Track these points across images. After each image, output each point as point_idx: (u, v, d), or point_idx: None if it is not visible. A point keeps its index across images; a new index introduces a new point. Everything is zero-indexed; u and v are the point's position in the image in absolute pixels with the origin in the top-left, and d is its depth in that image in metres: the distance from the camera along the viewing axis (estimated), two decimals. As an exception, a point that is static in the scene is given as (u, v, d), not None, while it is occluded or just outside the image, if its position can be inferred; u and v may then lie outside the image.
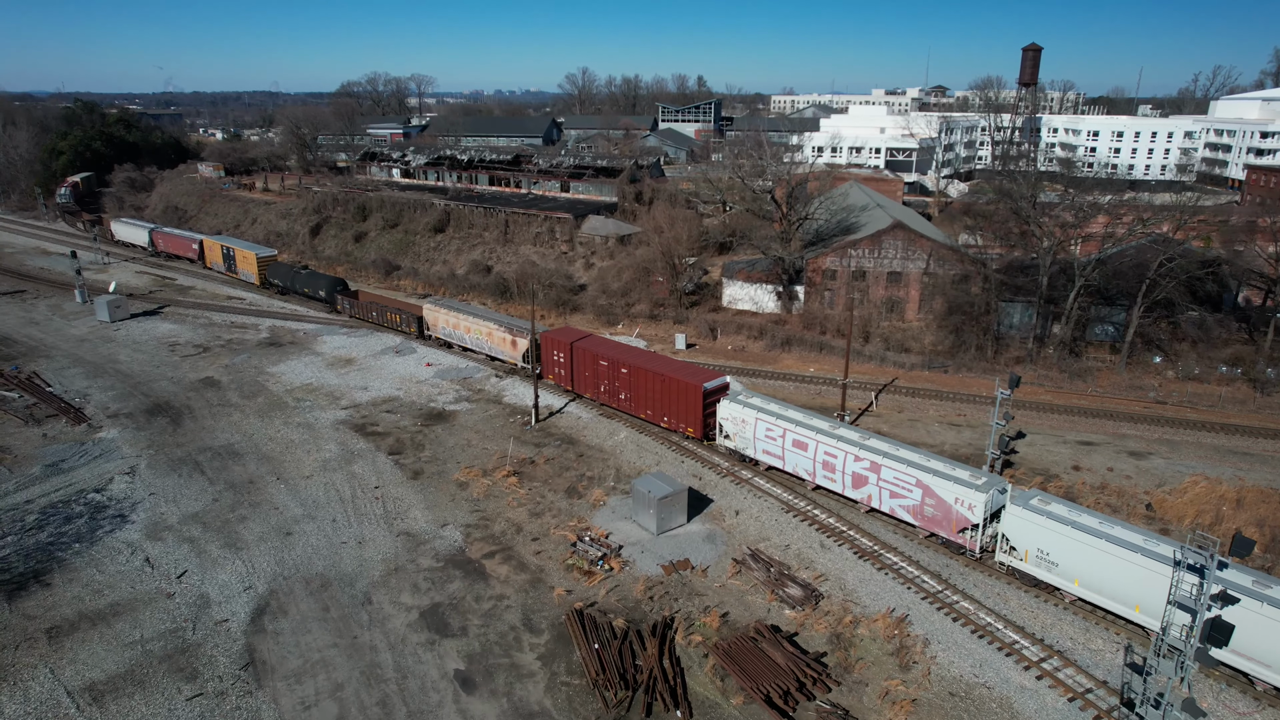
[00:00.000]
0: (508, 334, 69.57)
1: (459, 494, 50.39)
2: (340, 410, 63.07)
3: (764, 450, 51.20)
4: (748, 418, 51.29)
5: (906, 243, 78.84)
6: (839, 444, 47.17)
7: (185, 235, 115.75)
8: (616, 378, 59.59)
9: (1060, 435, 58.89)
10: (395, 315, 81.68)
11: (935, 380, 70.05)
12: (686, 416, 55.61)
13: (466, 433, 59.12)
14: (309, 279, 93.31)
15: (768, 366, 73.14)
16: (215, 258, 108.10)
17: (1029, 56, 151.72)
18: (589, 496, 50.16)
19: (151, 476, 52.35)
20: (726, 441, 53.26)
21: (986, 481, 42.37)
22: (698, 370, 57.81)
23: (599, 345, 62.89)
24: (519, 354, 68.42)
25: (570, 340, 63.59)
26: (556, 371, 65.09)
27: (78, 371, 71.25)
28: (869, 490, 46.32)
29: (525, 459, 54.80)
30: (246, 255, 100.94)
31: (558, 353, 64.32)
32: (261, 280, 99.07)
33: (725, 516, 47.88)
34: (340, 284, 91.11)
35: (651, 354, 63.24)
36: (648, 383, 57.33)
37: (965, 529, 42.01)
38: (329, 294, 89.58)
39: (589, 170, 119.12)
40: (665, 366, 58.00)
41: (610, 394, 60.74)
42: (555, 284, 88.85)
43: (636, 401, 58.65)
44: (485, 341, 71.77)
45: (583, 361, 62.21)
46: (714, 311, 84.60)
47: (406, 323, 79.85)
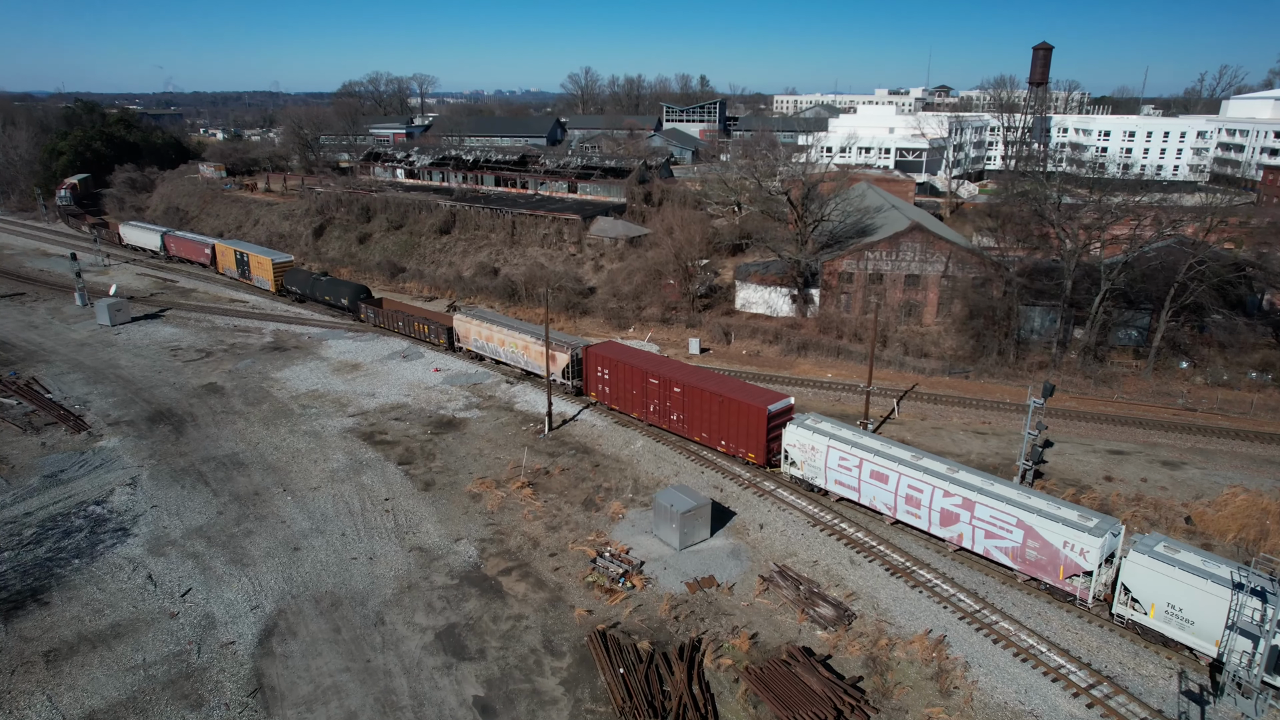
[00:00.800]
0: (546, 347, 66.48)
1: (472, 506, 48.67)
2: (347, 418, 61.36)
3: (836, 481, 47.33)
4: (818, 445, 47.49)
5: (925, 245, 77.13)
6: (925, 477, 43.10)
7: (197, 239, 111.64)
8: (668, 397, 55.83)
9: (1089, 444, 57.18)
10: (423, 326, 77.39)
11: (957, 386, 68.36)
12: (747, 441, 51.68)
13: (478, 441, 57.40)
14: (330, 286, 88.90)
15: (784, 372, 71.43)
16: (228, 263, 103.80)
17: (1039, 55, 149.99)
18: (607, 509, 48.45)
19: (153, 488, 50.63)
20: (792, 469, 49.48)
21: (1099, 524, 38.06)
22: (759, 391, 53.44)
23: (648, 362, 58.78)
24: (558, 369, 64.34)
25: (616, 356, 60.02)
26: (600, 389, 61.39)
27: (77, 377, 69.54)
28: (959, 529, 42.12)
29: (539, 469, 53.09)
30: (262, 261, 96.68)
31: (601, 369, 60.75)
32: (278, 287, 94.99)
33: (749, 530, 46.17)
34: (363, 291, 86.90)
35: (706, 372, 58.08)
36: (704, 404, 53.43)
37: (1075, 575, 37.84)
38: (352, 302, 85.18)
39: (597, 171, 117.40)
40: (723, 386, 53.92)
41: (660, 414, 56.95)
42: (565, 287, 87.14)
43: (690, 423, 54.90)
44: (521, 355, 67.51)
45: (629, 379, 58.55)
46: (727, 315, 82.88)
47: (435, 334, 76.07)
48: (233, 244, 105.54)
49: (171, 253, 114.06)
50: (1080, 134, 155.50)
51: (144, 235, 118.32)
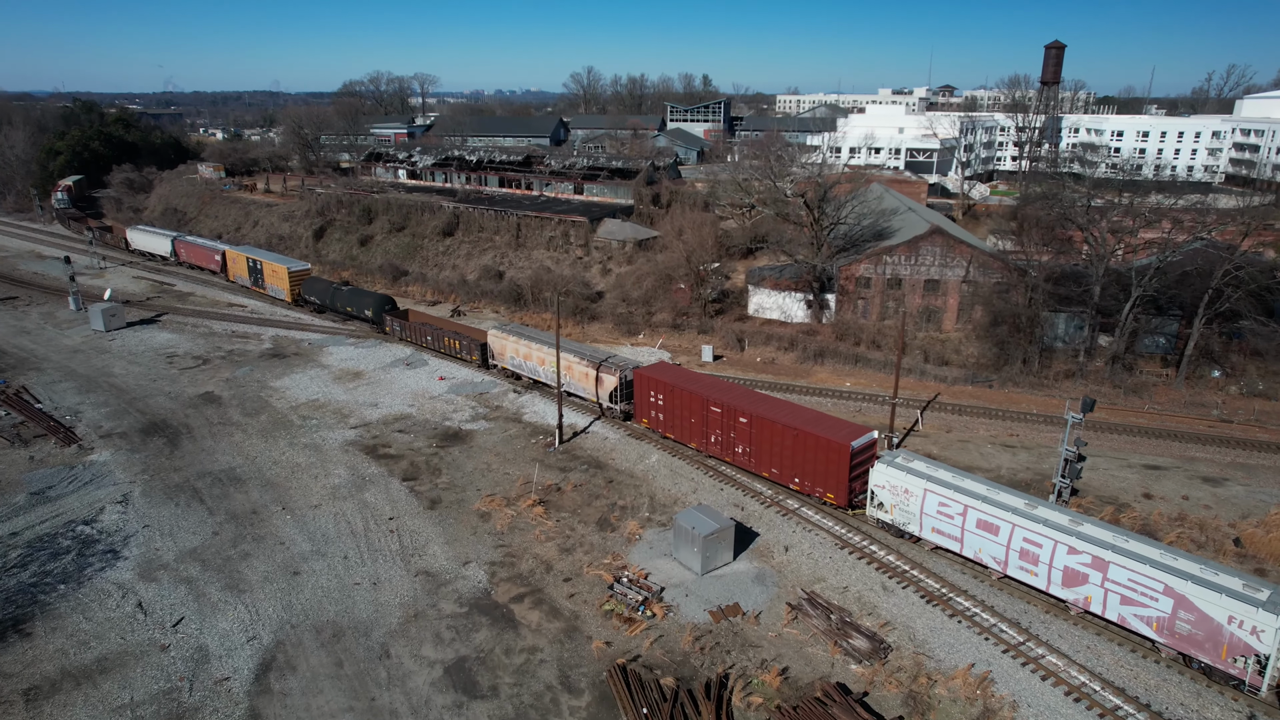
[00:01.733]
0: (590, 368, 60.07)
1: (481, 526, 46.25)
2: (349, 430, 58.95)
3: (934, 529, 42.32)
4: (913, 488, 42.58)
5: (945, 249, 74.72)
6: (1044, 529, 37.86)
7: (207, 245, 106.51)
8: (732, 428, 50.73)
9: (1123, 458, 54.77)
10: (454, 341, 72.30)
11: (980, 396, 65.95)
12: (826, 480, 46.45)
13: (486, 455, 54.98)
14: (351, 297, 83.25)
15: (801, 381, 69.02)
16: (239, 270, 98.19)
17: (1051, 54, 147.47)
18: (623, 529, 46.03)
19: (146, 506, 48.21)
20: (879, 512, 44.49)
21: (1272, 596, 32.23)
22: (837, 424, 48.01)
23: (709, 387, 53.41)
24: (604, 392, 59.32)
25: (672, 380, 54.60)
26: (652, 415, 56.14)
27: (69, 386, 67.12)
28: (1087, 591, 36.75)
29: (551, 486, 50.67)
30: (277, 269, 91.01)
31: (655, 394, 55.40)
32: (294, 297, 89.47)
33: (774, 553, 43.75)
34: (388, 302, 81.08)
35: (775, 400, 52.29)
36: (774, 437, 48.25)
37: (1242, 657, 32.27)
38: (376, 314, 79.87)
39: (603, 172, 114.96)
40: (796, 417, 48.45)
41: (723, 446, 51.90)
42: (572, 291, 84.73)
43: (759, 457, 49.71)
44: (564, 376, 60.91)
45: (687, 406, 53.29)
46: (740, 321, 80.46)
47: (468, 350, 71.19)
48: (245, 250, 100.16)
49: (182, 258, 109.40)
50: (1092, 134, 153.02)
51: (153, 240, 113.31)
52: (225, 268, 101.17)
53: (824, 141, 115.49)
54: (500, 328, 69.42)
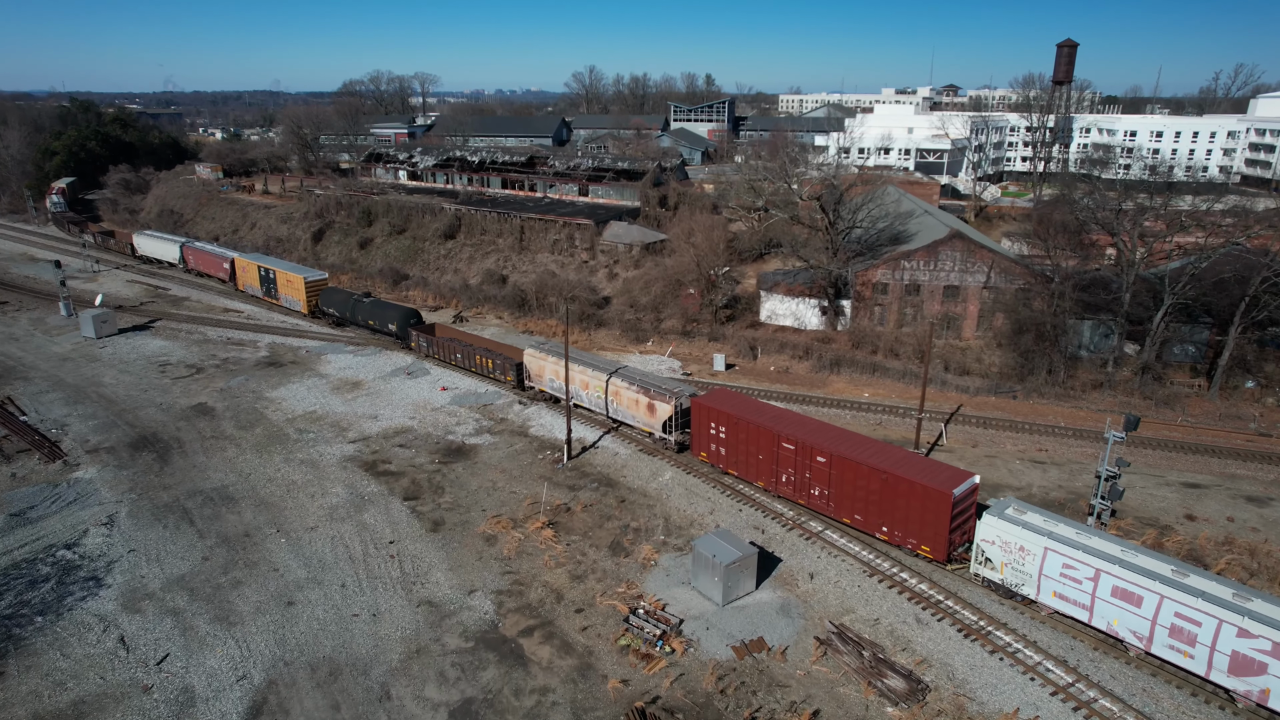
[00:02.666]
0: (641, 394, 54.76)
1: (486, 551, 43.65)
2: (347, 444, 56.34)
3: (1055, 593, 36.89)
4: (1030, 545, 37.32)
5: (965, 254, 72.11)
6: (1206, 605, 32.11)
7: (216, 252, 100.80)
8: (808, 467, 45.40)
9: (1160, 475, 52.17)
10: (486, 360, 67.11)
11: (1004, 407, 63.35)
12: (922, 530, 41.25)
13: (490, 472, 52.37)
14: (374, 309, 78.03)
15: (817, 391, 66.42)
16: (250, 279, 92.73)
17: (1064, 53, 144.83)
18: (637, 554, 43.43)
19: (132, 528, 45.60)
20: (985, 570, 39.45)
21: None
22: (932, 466, 42.68)
23: (781, 421, 47.87)
24: (657, 421, 53.86)
25: (736, 411, 48.99)
26: (712, 449, 50.71)
27: (57, 397, 64.53)
28: (1264, 683, 31.15)
29: (560, 505, 48.06)
30: (292, 279, 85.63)
31: (716, 425, 50.05)
32: (311, 309, 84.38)
33: (798, 581, 41.15)
34: (414, 316, 76.29)
35: (858, 438, 46.07)
36: (860, 480, 43.07)
37: None
38: (401, 328, 74.74)
39: (609, 173, 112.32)
40: (885, 458, 43.05)
41: (796, 487, 46.54)
42: (578, 297, 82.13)
43: (839, 501, 44.53)
44: (610, 402, 57.02)
45: (754, 440, 47.84)
46: (752, 328, 77.85)
47: (501, 369, 66.02)
48: (256, 258, 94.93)
49: (190, 265, 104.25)
50: (1105, 134, 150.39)
51: (161, 246, 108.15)
52: (234, 276, 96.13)
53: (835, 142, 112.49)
54: (538, 346, 63.84)
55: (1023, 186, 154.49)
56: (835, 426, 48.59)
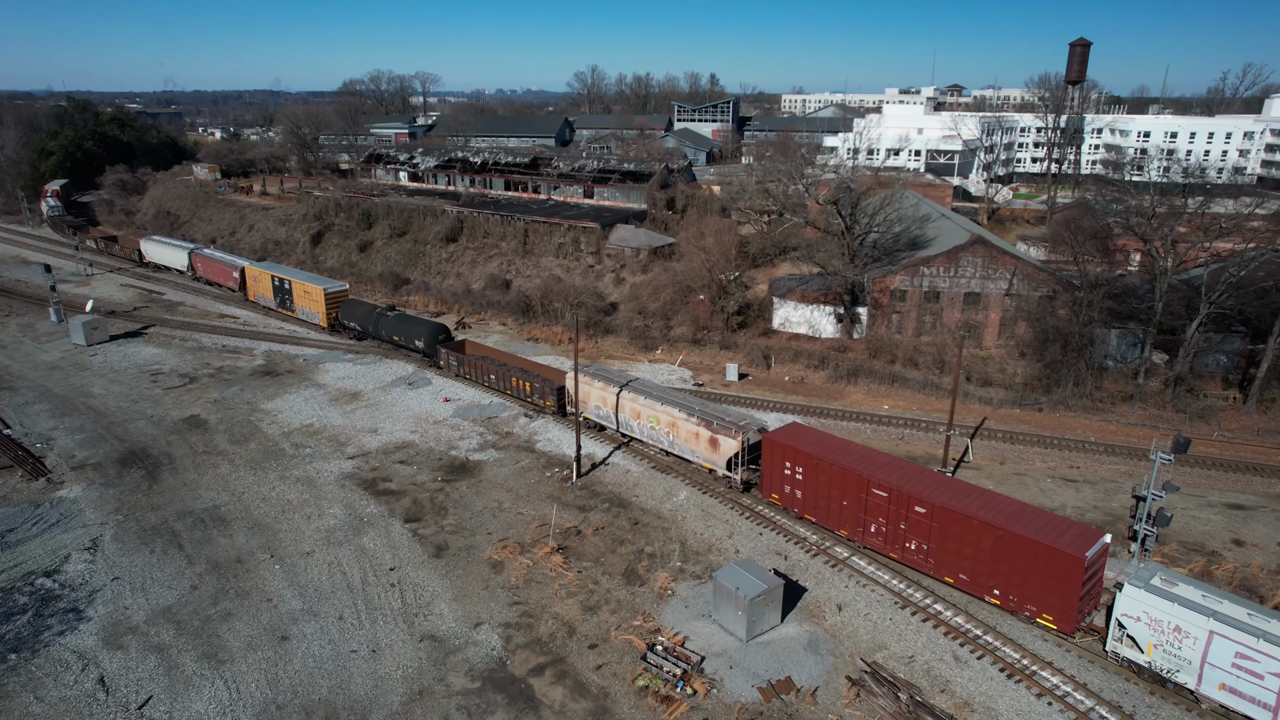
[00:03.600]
0: (701, 426, 49.12)
1: (493, 579, 41.08)
2: (346, 460, 53.78)
3: (1226, 686, 30.96)
4: (1190, 626, 31.61)
5: (987, 260, 69.55)
6: None
7: (225, 260, 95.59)
8: (902, 517, 40.16)
9: (1201, 495, 49.60)
10: (524, 382, 61.78)
11: (1030, 420, 60.81)
12: (1045, 597, 35.69)
13: (496, 491, 49.79)
14: (400, 324, 72.85)
15: (835, 403, 63.87)
16: (262, 290, 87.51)
17: (1077, 52, 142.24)
18: (652, 582, 40.86)
19: (117, 553, 43.03)
20: (1127, 650, 33.76)
21: None
22: (1058, 522, 36.81)
23: (870, 463, 42.49)
24: (720, 458, 48.41)
25: (815, 451, 43.73)
26: (786, 491, 45.44)
27: (43, 408, 61.96)
28: None
29: (569, 528, 45.49)
30: (310, 290, 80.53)
31: (791, 466, 44.68)
32: (330, 322, 79.36)
33: (825, 613, 38.58)
34: (442, 331, 70.91)
35: (963, 485, 40.92)
36: (968, 535, 37.68)
37: None
38: (429, 345, 69.61)
39: (615, 174, 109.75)
40: (997, 511, 37.62)
41: (888, 539, 41.18)
42: (585, 303, 79.57)
43: (941, 558, 39.11)
44: (665, 434, 51.70)
45: (838, 485, 42.62)
46: (764, 336, 75.29)
47: (541, 393, 60.42)
48: (269, 267, 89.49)
49: (198, 274, 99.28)
50: (1117, 135, 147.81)
51: (169, 253, 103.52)
52: (244, 286, 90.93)
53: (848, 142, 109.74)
54: (587, 371, 57.43)
55: (1033, 188, 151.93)
56: (932, 471, 42.73)
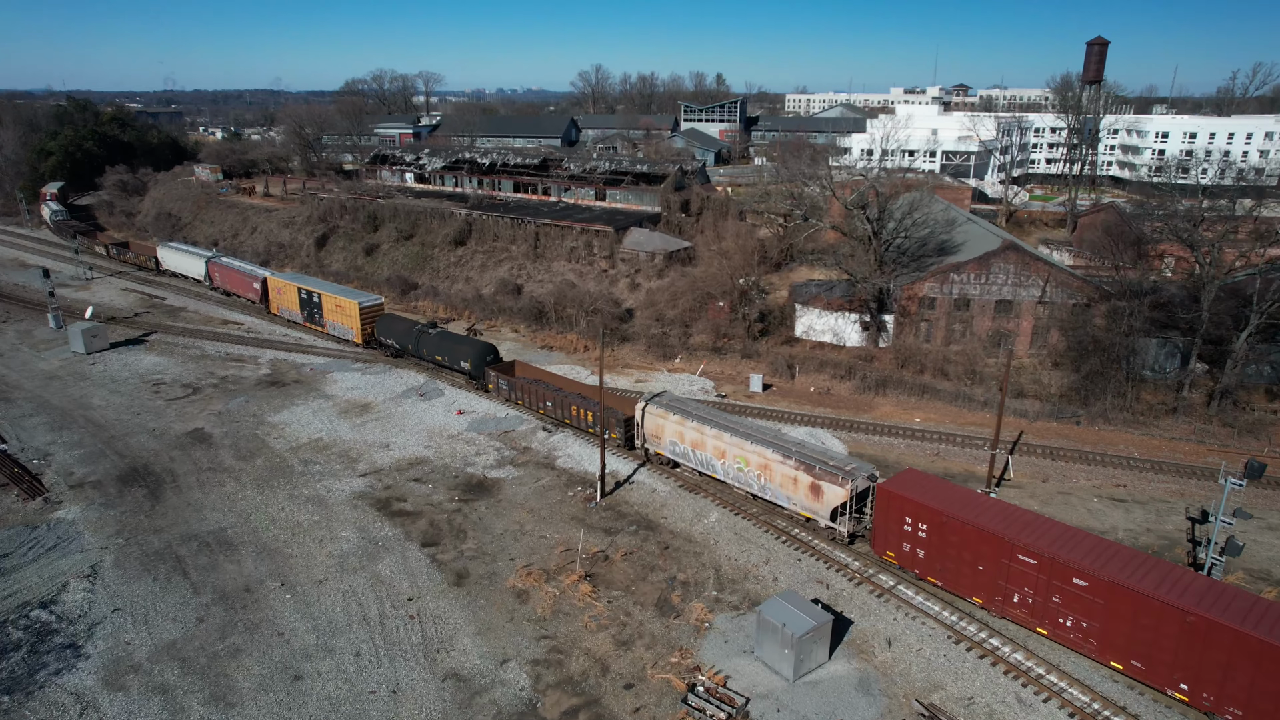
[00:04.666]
0: (802, 472, 43.36)
1: (518, 610, 38.61)
2: (358, 477, 51.30)
3: None
4: None
5: (1020, 267, 67.08)
6: None
7: (246, 270, 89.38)
8: (1058, 590, 34.75)
9: (1262, 518, 47.10)
10: (584, 410, 55.62)
11: (1069, 434, 58.33)
12: (1254, 700, 29.96)
13: (517, 512, 47.32)
14: (442, 343, 67.31)
15: (864, 416, 61.40)
16: (287, 303, 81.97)
17: (1094, 51, 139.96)
18: (688, 614, 38.40)
19: (118, 581, 40.57)
20: None
21: None
22: (1260, 605, 31.18)
23: (1012, 523, 37.06)
24: (823, 507, 42.84)
25: (942, 506, 38.32)
26: (904, 549, 40.02)
27: (41, 421, 59.51)
28: None
29: (596, 553, 43.03)
30: (343, 304, 74.78)
31: (912, 521, 39.31)
32: (366, 338, 73.93)
33: (874, 648, 36.12)
34: (490, 352, 65.27)
35: (1131, 553, 34.78)
36: (1145, 616, 32.24)
37: None
38: (476, 366, 64.14)
39: (627, 176, 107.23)
40: (1183, 588, 32.09)
41: (1036, 611, 35.80)
42: (601, 309, 77.09)
43: (1107, 640, 33.61)
44: (755, 478, 45.87)
45: (972, 547, 37.17)
46: (787, 344, 72.83)
47: (604, 423, 52.09)
48: (294, 278, 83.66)
49: (216, 284, 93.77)
50: (1135, 135, 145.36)
51: (186, 260, 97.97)
52: (266, 298, 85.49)
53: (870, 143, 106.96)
54: (656, 401, 51.71)
55: (1049, 189, 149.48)
56: (1086, 533, 36.79)
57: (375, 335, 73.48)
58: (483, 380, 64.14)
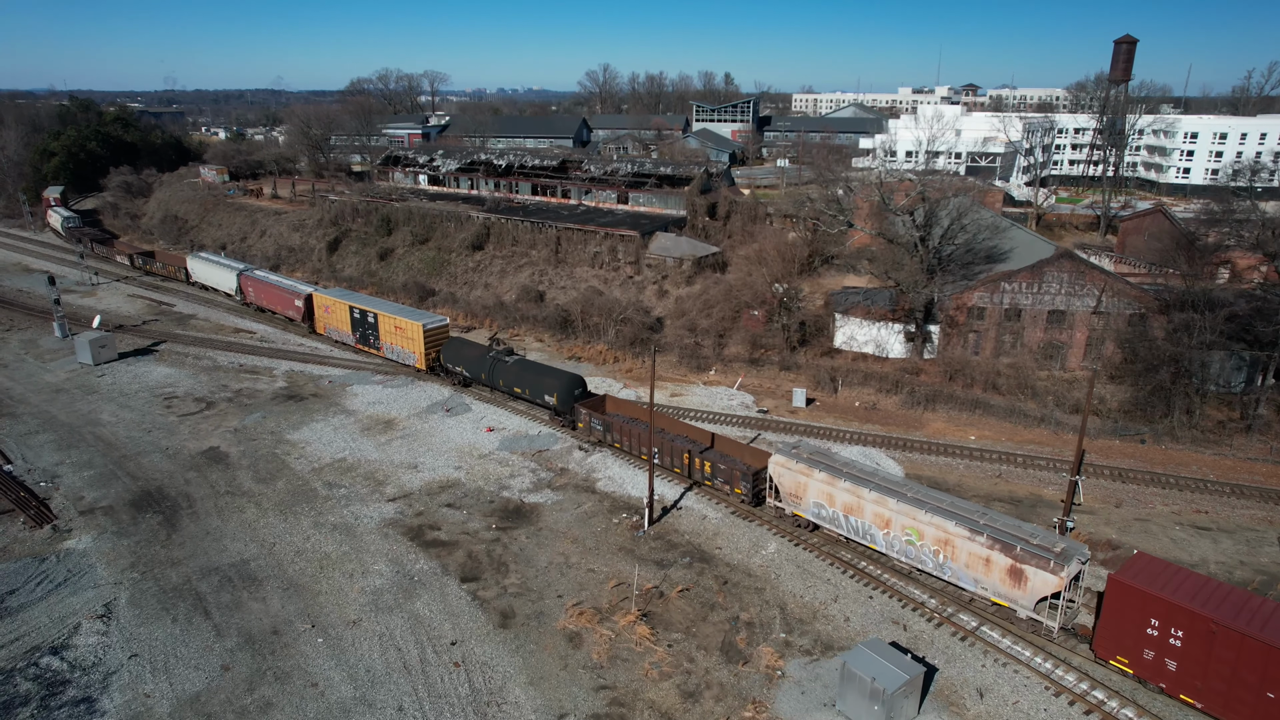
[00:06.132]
0: (998, 552, 36.42)
1: (571, 655, 35.42)
2: (386, 503, 48.09)
3: None
4: None
5: (1074, 276, 63.88)
6: None
7: (286, 285, 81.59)
8: None
9: (1358, 547, 43.88)
10: (701, 460, 48.06)
11: (1134, 454, 55.13)
12: None
13: (560, 542, 44.11)
14: (523, 373, 59.11)
15: (915, 433, 58.20)
16: (336, 322, 74.04)
17: (1122, 50, 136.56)
18: (757, 660, 35.19)
19: (134, 622, 37.38)
20: None
21: None
22: None
23: None
24: (1027, 596, 35.78)
25: (1206, 609, 30.85)
26: (1148, 657, 32.49)
27: (47, 439, 56.34)
28: None
29: (650, 589, 39.84)
30: (404, 326, 66.87)
31: (1161, 625, 31.92)
32: (430, 363, 66.24)
33: (965, 700, 32.92)
34: (579, 384, 57.45)
35: None
36: None
37: None
38: (564, 401, 56.36)
39: (651, 179, 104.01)
40: None
41: None
42: (630, 318, 73.89)
43: None
44: (930, 553, 38.73)
45: (1258, 668, 29.60)
46: (827, 355, 69.63)
47: (728, 477, 46.98)
48: (343, 295, 75.42)
49: (249, 299, 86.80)
50: (1162, 136, 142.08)
51: (216, 273, 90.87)
52: (310, 316, 77.63)
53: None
54: (793, 453, 44.43)
55: (1073, 191, 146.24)
56: None
57: (440, 361, 65.76)
58: (571, 417, 57.09)
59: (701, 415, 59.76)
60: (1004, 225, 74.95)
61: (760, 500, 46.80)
